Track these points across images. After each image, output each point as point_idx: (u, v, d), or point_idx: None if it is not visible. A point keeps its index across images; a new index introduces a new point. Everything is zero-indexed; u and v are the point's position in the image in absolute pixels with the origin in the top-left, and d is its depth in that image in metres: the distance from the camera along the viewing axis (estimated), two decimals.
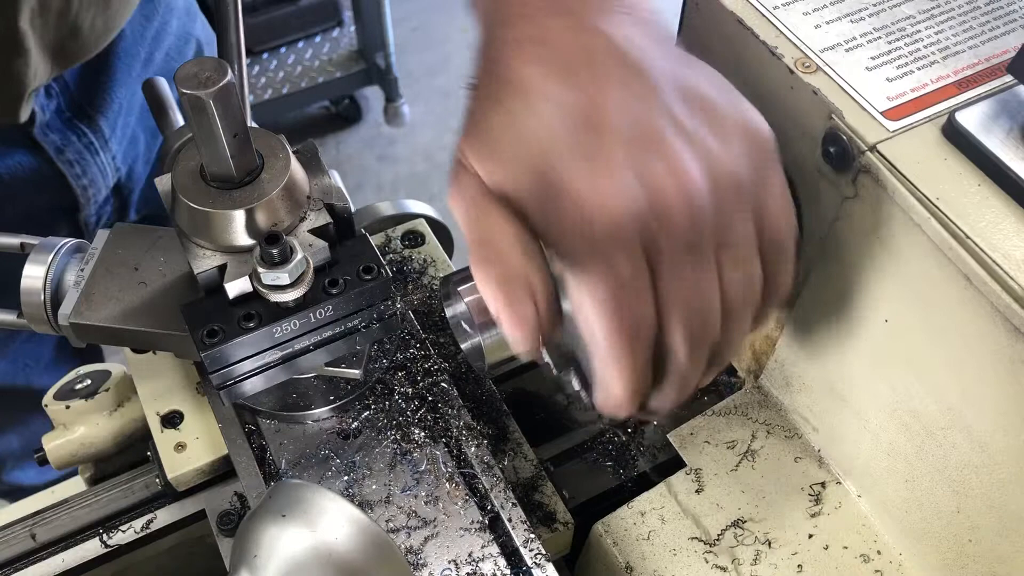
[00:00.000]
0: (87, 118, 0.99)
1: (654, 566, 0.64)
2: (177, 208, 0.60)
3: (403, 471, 0.66)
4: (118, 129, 1.03)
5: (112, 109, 1.01)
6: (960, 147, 0.53)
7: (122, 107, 1.02)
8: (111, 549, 0.69)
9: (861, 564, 0.64)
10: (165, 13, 1.05)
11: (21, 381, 1.09)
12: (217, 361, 0.60)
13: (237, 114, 0.56)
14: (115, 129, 1.02)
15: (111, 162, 1.02)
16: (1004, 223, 0.50)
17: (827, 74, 0.57)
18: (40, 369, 1.10)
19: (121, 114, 1.03)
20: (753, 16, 0.60)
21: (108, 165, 1.02)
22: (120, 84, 1.01)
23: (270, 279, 0.58)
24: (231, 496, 0.68)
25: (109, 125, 1.01)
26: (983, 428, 0.54)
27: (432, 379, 0.70)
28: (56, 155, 0.96)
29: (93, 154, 1.00)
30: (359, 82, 2.83)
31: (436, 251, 0.82)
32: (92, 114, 0.99)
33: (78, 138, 0.98)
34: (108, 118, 1.01)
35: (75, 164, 0.98)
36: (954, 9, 0.61)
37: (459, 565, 0.62)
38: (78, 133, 0.98)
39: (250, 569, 0.51)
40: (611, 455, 0.72)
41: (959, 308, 0.52)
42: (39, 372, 1.10)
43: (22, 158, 0.94)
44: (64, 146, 0.97)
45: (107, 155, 1.02)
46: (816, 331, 0.64)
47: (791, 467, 0.68)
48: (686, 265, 0.47)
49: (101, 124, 1.00)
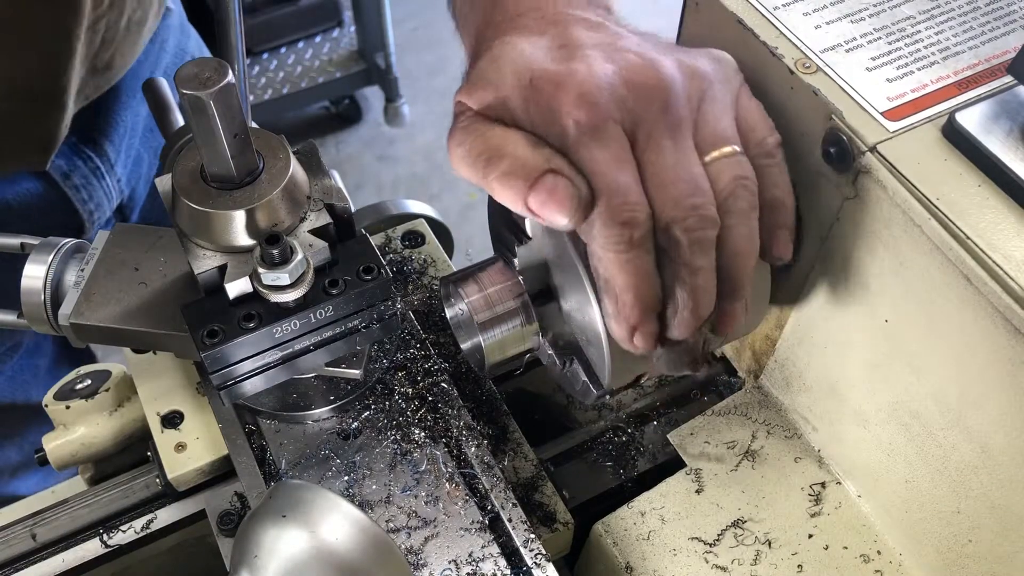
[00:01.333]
0: (92, 142, 0.98)
1: (654, 566, 0.64)
2: (177, 208, 0.60)
3: (403, 471, 0.67)
4: (122, 151, 1.02)
5: (117, 132, 1.00)
6: (960, 148, 0.53)
7: (127, 129, 1.02)
8: (111, 549, 0.69)
9: (861, 564, 0.64)
10: (163, 32, 1.05)
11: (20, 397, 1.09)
12: (217, 361, 0.61)
13: (237, 114, 0.56)
14: (120, 152, 1.01)
15: (116, 185, 1.02)
16: (1004, 224, 0.50)
17: (827, 74, 0.57)
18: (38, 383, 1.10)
19: (126, 136, 1.02)
20: (753, 16, 0.60)
21: (113, 188, 1.02)
22: (125, 107, 1.01)
23: (270, 279, 0.58)
24: (231, 496, 0.68)
25: (114, 148, 1.00)
26: (983, 428, 0.54)
27: (432, 379, 0.70)
28: (63, 180, 0.95)
29: (99, 178, 0.99)
30: (359, 82, 2.83)
31: (436, 251, 0.82)
32: (98, 138, 0.98)
33: (84, 163, 0.97)
34: (114, 141, 1.00)
35: (81, 189, 0.97)
36: (954, 9, 0.61)
37: (459, 565, 0.62)
38: (84, 158, 0.97)
39: (250, 569, 0.51)
40: (611, 455, 0.72)
41: (959, 308, 0.52)
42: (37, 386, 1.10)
43: (29, 184, 0.94)
44: (70, 171, 0.96)
45: (112, 178, 1.01)
46: (816, 331, 0.64)
47: (791, 467, 0.68)
48: (666, 140, 0.51)
49: (107, 148, 0.99)
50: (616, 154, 0.50)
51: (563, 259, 0.57)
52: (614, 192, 0.49)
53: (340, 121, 2.98)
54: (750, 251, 0.53)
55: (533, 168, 0.50)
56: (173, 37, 1.08)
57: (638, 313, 0.51)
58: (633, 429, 0.73)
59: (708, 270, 0.51)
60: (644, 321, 0.51)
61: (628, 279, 0.50)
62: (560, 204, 0.49)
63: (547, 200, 0.49)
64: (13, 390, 1.08)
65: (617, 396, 0.76)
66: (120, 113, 1.00)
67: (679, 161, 0.51)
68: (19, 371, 1.08)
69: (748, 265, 0.53)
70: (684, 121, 0.51)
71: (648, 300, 0.51)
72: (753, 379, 0.73)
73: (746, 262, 0.53)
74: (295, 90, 2.72)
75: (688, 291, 0.51)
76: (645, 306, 0.51)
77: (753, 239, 0.53)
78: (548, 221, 0.50)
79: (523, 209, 0.50)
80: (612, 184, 0.49)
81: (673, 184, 0.50)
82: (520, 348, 0.64)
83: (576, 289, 0.56)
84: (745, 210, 0.52)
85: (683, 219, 0.50)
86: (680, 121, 0.51)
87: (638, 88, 0.50)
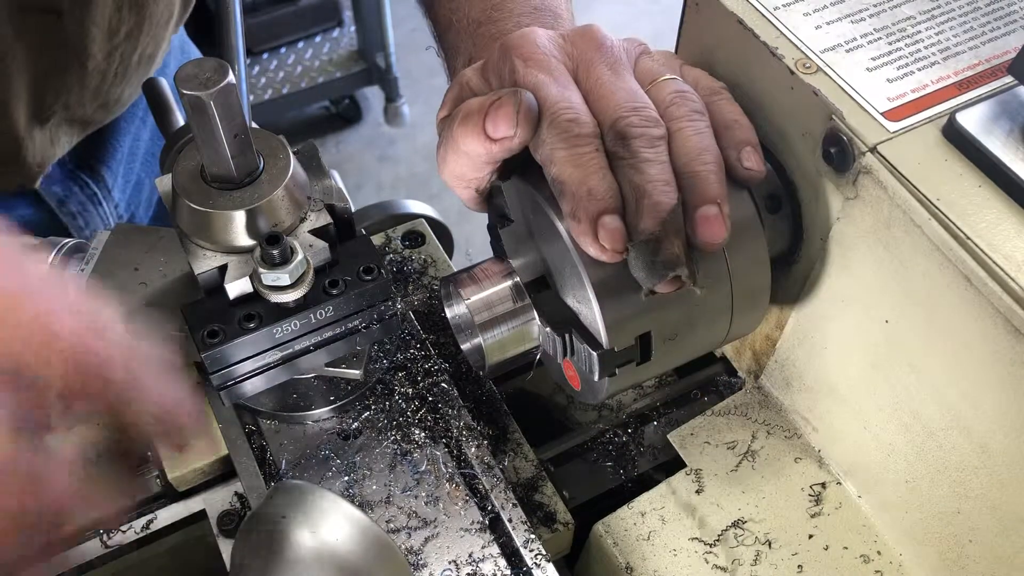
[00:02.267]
0: (89, 168, 0.97)
1: (654, 566, 0.64)
2: (178, 209, 0.60)
3: (403, 471, 0.67)
4: (120, 177, 1.01)
5: (115, 159, 0.99)
6: (961, 148, 0.53)
7: (124, 155, 1.01)
8: (111, 549, 0.69)
9: (861, 564, 0.64)
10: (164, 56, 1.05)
11: None
12: (217, 362, 0.60)
13: (237, 115, 0.56)
14: (118, 177, 1.00)
15: (114, 211, 1.01)
16: (1004, 224, 0.50)
17: (827, 75, 0.57)
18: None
19: (123, 162, 1.01)
20: (753, 17, 0.60)
21: (111, 214, 1.00)
22: (124, 132, 1.00)
23: (271, 280, 0.58)
24: (231, 496, 0.68)
25: (112, 174, 0.99)
26: (983, 429, 0.54)
27: (432, 379, 0.70)
28: (58, 207, 0.94)
29: (96, 204, 0.98)
30: (359, 82, 2.83)
31: (436, 251, 0.82)
32: (94, 164, 0.97)
33: (80, 189, 0.96)
34: (111, 167, 0.99)
35: (78, 216, 0.96)
36: (955, 10, 0.61)
37: (459, 565, 0.62)
38: (80, 184, 0.96)
39: (251, 570, 0.51)
40: (611, 455, 0.72)
41: (959, 309, 0.52)
42: None
43: (24, 211, 0.93)
44: (66, 198, 0.95)
45: (110, 204, 1.00)
46: (816, 331, 0.64)
47: (791, 467, 0.68)
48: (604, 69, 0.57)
49: (104, 174, 0.98)
50: (558, 78, 0.56)
51: (544, 227, 0.58)
52: (556, 99, 0.54)
53: (340, 121, 2.98)
54: (703, 148, 0.54)
55: (484, 103, 0.56)
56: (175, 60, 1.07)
57: (595, 205, 0.52)
58: (633, 429, 0.73)
59: (660, 163, 0.53)
60: (603, 214, 0.52)
61: (578, 172, 0.53)
62: (506, 117, 0.54)
63: (496, 119, 0.55)
64: None
65: (617, 396, 0.76)
66: (119, 139, 0.99)
67: (617, 82, 0.56)
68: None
69: (706, 163, 0.54)
70: (621, 61, 0.58)
71: (602, 193, 0.52)
72: (753, 379, 0.73)
73: (702, 159, 0.54)
74: (295, 90, 2.72)
75: (644, 182, 0.52)
76: (601, 198, 0.52)
77: (704, 137, 0.55)
78: (501, 139, 0.55)
79: (485, 141, 0.56)
80: (554, 95, 0.55)
81: (612, 95, 0.55)
82: (520, 348, 0.64)
83: (560, 252, 0.57)
84: (688, 113, 0.55)
85: (625, 118, 0.54)
86: (617, 60, 0.57)
87: (577, 35, 0.58)
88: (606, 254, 0.52)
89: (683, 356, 0.64)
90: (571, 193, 0.53)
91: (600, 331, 0.56)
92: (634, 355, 0.59)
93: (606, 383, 0.59)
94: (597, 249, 0.53)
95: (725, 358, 0.76)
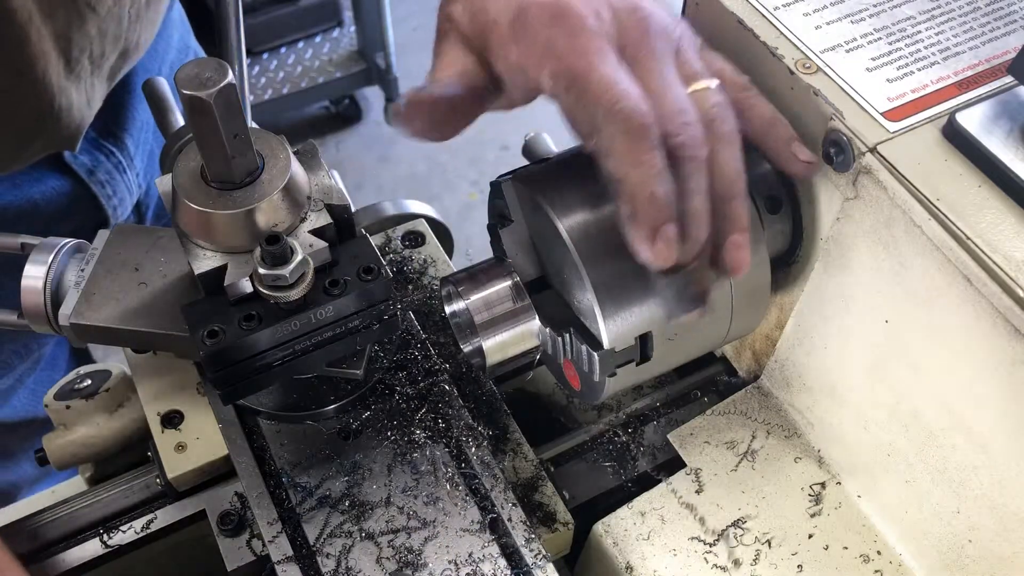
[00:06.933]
0: (113, 137, 0.98)
1: (654, 566, 0.64)
2: (178, 209, 0.60)
3: (403, 472, 0.66)
4: (140, 145, 1.03)
5: (135, 126, 1.01)
6: (960, 148, 0.53)
7: (143, 123, 1.02)
8: (111, 549, 0.69)
9: (861, 564, 0.64)
10: (168, 26, 1.05)
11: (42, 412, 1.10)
12: (218, 362, 0.60)
13: (237, 115, 0.56)
14: (138, 146, 1.02)
15: (135, 179, 1.02)
16: (1004, 224, 0.50)
17: (827, 75, 0.57)
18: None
19: (143, 130, 1.03)
20: (753, 16, 0.60)
21: (133, 182, 1.02)
22: (141, 100, 1.00)
23: (271, 279, 0.58)
24: (231, 496, 0.68)
25: (133, 142, 1.01)
26: (983, 429, 0.54)
27: (432, 379, 0.70)
28: (87, 176, 0.96)
29: (121, 172, 1.00)
30: (359, 82, 2.83)
31: (436, 251, 0.82)
32: (118, 132, 0.99)
33: (106, 157, 0.98)
34: (133, 135, 1.01)
35: (106, 184, 0.98)
36: (955, 10, 0.61)
37: (459, 565, 0.62)
38: (106, 153, 0.98)
39: None
40: (611, 455, 0.72)
41: (959, 309, 0.52)
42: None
43: (55, 182, 0.94)
44: (95, 167, 0.96)
45: (132, 173, 1.02)
46: (816, 331, 0.64)
47: (791, 467, 0.68)
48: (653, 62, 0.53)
49: (127, 142, 1.00)
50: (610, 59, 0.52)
51: (544, 227, 0.58)
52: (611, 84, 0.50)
53: (340, 121, 2.98)
54: (739, 173, 0.53)
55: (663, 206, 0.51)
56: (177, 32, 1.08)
57: (658, 213, 0.50)
58: (633, 429, 0.73)
59: (701, 193, 0.52)
60: (664, 221, 0.50)
61: (638, 173, 0.50)
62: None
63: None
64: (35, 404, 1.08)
65: (617, 396, 0.76)
66: (136, 106, 1.01)
67: (667, 80, 0.53)
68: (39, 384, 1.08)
69: (741, 191, 0.53)
70: (667, 53, 0.54)
71: (664, 200, 0.50)
72: (753, 379, 0.73)
73: (738, 187, 0.53)
74: (295, 90, 2.72)
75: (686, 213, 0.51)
76: (663, 207, 0.50)
77: (739, 162, 0.53)
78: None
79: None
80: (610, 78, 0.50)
81: (663, 96, 0.52)
82: (520, 348, 0.64)
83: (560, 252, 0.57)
84: (728, 133, 0.53)
85: (677, 135, 0.51)
86: (664, 52, 0.54)
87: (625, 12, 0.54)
88: (659, 262, 0.51)
89: (683, 356, 0.64)
90: (631, 195, 0.50)
91: (600, 331, 0.57)
92: (634, 355, 0.59)
93: (606, 383, 0.60)
94: (652, 255, 0.51)
95: (725, 358, 0.76)
